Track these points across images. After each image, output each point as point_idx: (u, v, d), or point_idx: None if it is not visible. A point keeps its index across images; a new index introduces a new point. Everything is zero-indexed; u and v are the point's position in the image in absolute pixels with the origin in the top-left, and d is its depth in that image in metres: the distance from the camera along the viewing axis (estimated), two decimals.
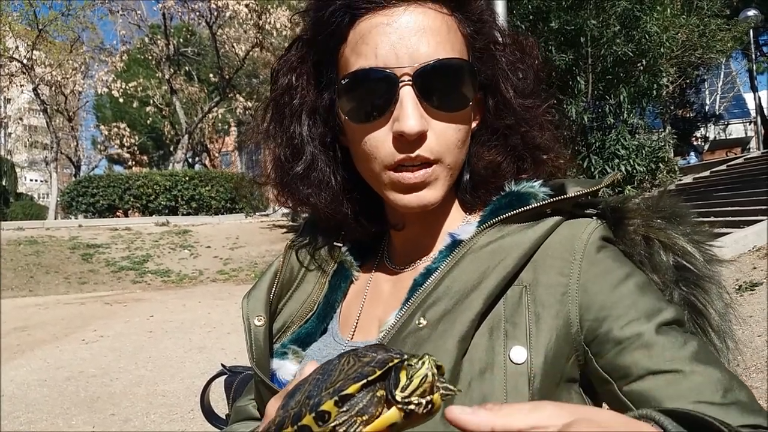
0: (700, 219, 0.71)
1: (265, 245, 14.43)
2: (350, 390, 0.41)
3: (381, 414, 0.41)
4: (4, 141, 37.65)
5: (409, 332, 0.62)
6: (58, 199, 21.02)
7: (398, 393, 0.40)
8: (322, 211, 0.75)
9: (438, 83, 0.64)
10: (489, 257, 0.64)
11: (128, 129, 27.20)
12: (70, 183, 20.66)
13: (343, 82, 0.66)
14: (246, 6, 17.97)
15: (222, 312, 8.35)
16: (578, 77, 8.31)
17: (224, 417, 1.08)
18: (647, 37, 7.98)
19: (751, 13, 16.44)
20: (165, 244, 14.69)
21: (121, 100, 23.77)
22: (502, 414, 0.34)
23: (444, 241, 0.71)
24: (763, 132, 21.81)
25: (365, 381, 0.41)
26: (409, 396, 0.40)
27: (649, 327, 0.58)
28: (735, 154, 20.86)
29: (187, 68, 26.75)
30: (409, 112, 0.63)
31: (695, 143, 25.01)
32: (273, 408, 0.54)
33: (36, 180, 50.10)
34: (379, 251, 0.81)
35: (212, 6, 19.03)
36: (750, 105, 29.24)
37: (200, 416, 1.18)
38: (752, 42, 19.62)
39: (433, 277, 0.65)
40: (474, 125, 0.73)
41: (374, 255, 0.81)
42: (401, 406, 0.40)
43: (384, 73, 0.63)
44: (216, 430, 1.10)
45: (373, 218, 0.78)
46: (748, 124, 31.42)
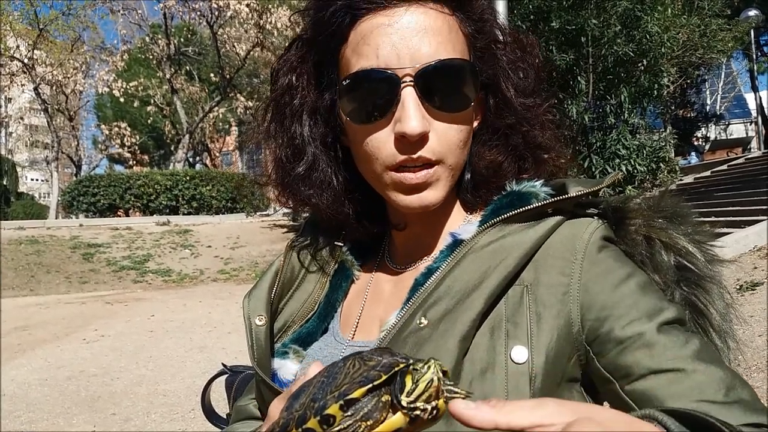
0: (701, 219, 0.71)
1: (266, 245, 14.42)
2: (356, 394, 0.41)
3: (386, 419, 0.41)
4: (5, 140, 37.67)
5: (410, 332, 0.62)
6: (59, 199, 21.02)
7: (404, 398, 0.40)
8: (324, 212, 0.75)
9: (440, 84, 0.64)
10: (490, 257, 0.64)
11: (129, 128, 27.22)
12: (71, 182, 20.65)
13: (345, 83, 0.66)
14: (247, 6, 17.96)
15: (223, 311, 8.34)
16: (579, 77, 8.30)
17: (225, 416, 1.08)
18: (648, 37, 7.97)
19: (752, 13, 16.42)
20: (166, 244, 14.69)
21: (122, 100, 23.82)
22: (505, 411, 0.34)
23: (445, 241, 0.71)
24: (764, 132, 21.80)
25: (371, 385, 0.41)
26: (415, 401, 0.40)
27: (651, 326, 0.58)
28: (736, 154, 20.84)
29: (188, 68, 26.76)
30: (411, 113, 0.62)
31: (696, 143, 25.00)
32: (276, 409, 0.54)
33: (37, 179, 50.14)
34: (380, 251, 0.81)
35: (213, 5, 19.03)
36: (751, 105, 29.22)
37: (201, 416, 1.18)
38: (753, 42, 19.61)
39: (434, 277, 0.65)
40: (475, 125, 0.72)
41: (375, 254, 0.81)
42: (406, 411, 0.40)
43: (385, 74, 0.63)
44: (217, 430, 1.10)
45: (375, 218, 0.77)
46: (749, 124, 31.40)
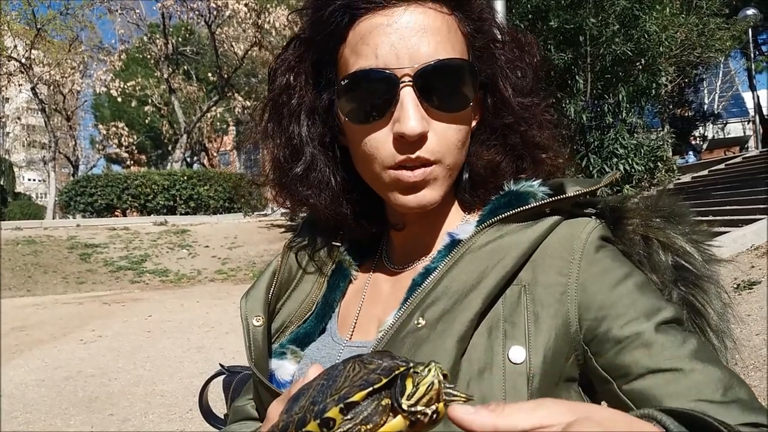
0: (699, 218, 0.71)
1: (264, 245, 14.41)
2: (356, 398, 0.41)
3: (386, 422, 0.41)
4: (2, 140, 37.57)
5: (408, 332, 0.62)
6: (57, 199, 20.97)
7: (404, 401, 0.40)
8: (322, 212, 0.75)
9: (439, 84, 0.64)
10: (488, 257, 0.63)
11: (126, 128, 27.18)
12: (69, 182, 20.64)
13: (343, 83, 0.66)
14: (245, 5, 17.94)
15: (220, 312, 8.34)
16: (577, 76, 8.30)
17: (222, 417, 1.08)
18: (646, 36, 7.98)
19: (750, 12, 16.45)
20: (163, 244, 14.66)
21: (120, 100, 23.73)
22: (505, 414, 0.34)
23: (443, 241, 0.71)
24: (762, 131, 21.84)
25: (371, 389, 0.41)
26: (415, 404, 0.40)
27: (649, 326, 0.58)
28: (733, 153, 20.91)
29: (186, 67, 26.72)
30: (410, 114, 0.62)
31: (694, 142, 25.06)
32: (275, 411, 0.53)
33: (34, 179, 50.04)
34: (378, 251, 0.81)
35: (211, 5, 19.00)
36: (748, 104, 29.28)
37: (198, 416, 1.18)
38: (751, 41, 19.64)
39: (432, 277, 0.65)
40: (473, 124, 0.72)
41: (373, 255, 0.81)
42: (407, 415, 0.40)
43: (384, 74, 0.63)
44: (214, 430, 1.10)
45: (373, 218, 0.77)
46: (747, 123, 31.47)
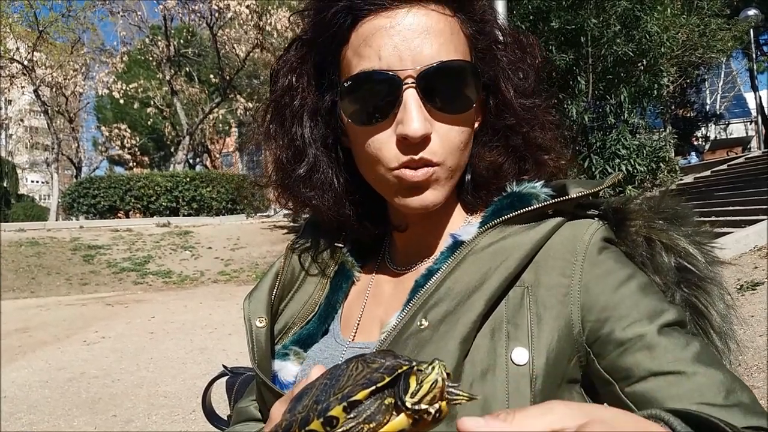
0: (702, 219, 0.71)
1: (266, 246, 14.42)
2: (359, 396, 0.41)
3: (389, 421, 0.41)
4: (5, 142, 37.67)
5: (411, 334, 0.61)
6: (60, 201, 21.02)
7: (408, 399, 0.40)
8: (325, 213, 0.75)
9: (442, 85, 0.64)
10: (490, 258, 0.63)
11: (129, 130, 27.21)
12: (71, 184, 20.65)
13: (346, 85, 0.66)
14: (247, 7, 17.95)
15: (223, 313, 8.34)
16: (579, 77, 8.29)
17: (226, 418, 1.08)
18: (648, 37, 7.97)
19: (752, 13, 16.43)
20: (166, 245, 14.68)
21: (122, 102, 23.77)
22: (516, 421, 0.34)
23: (445, 242, 0.71)
24: (764, 131, 21.79)
25: (374, 387, 0.41)
26: (419, 402, 0.40)
27: (652, 328, 0.58)
28: (736, 154, 20.85)
29: (188, 69, 26.73)
30: (413, 115, 0.62)
31: (696, 143, 24.99)
32: (278, 411, 0.54)
33: (37, 181, 50.16)
34: (381, 252, 0.81)
35: (213, 7, 19.02)
36: (751, 104, 29.23)
37: (202, 417, 1.18)
38: (753, 41, 19.61)
39: (435, 279, 0.65)
40: (476, 126, 0.72)
41: (375, 256, 0.81)
42: (410, 413, 0.40)
43: (387, 76, 0.63)
44: None
45: (376, 220, 0.77)
46: (749, 124, 31.40)
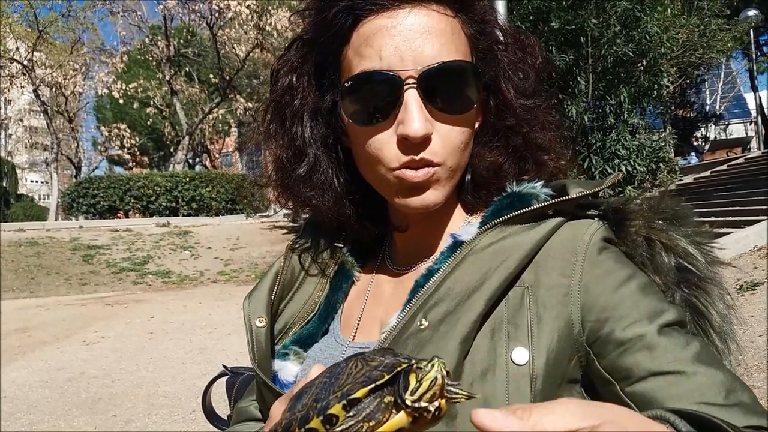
0: (701, 219, 0.71)
1: (266, 246, 14.42)
2: (358, 394, 0.41)
3: (388, 420, 0.41)
4: (5, 142, 37.68)
5: (411, 333, 0.61)
6: (59, 201, 21.02)
7: (408, 396, 0.40)
8: (325, 213, 0.75)
9: (442, 85, 0.64)
10: (490, 258, 0.63)
11: (129, 130, 27.22)
12: (71, 184, 20.66)
13: (347, 85, 0.66)
14: (247, 7, 17.95)
15: (223, 313, 8.34)
16: (579, 77, 8.29)
17: (225, 418, 1.08)
18: (648, 38, 7.97)
19: (752, 13, 16.44)
20: (166, 245, 14.68)
21: (122, 101, 23.79)
22: (533, 420, 0.33)
23: (445, 242, 0.71)
24: (764, 132, 21.80)
25: (373, 385, 0.41)
26: (419, 399, 0.40)
27: (652, 328, 0.58)
28: (735, 154, 20.86)
29: (188, 69, 26.72)
30: (414, 116, 0.62)
31: (696, 143, 24.99)
32: (278, 410, 0.54)
33: (37, 181, 50.16)
34: (381, 252, 0.81)
35: (213, 7, 19.02)
36: (750, 105, 29.25)
37: (202, 417, 1.18)
38: (752, 42, 19.62)
39: (435, 279, 0.65)
40: (476, 126, 0.72)
41: (375, 256, 0.81)
42: (410, 410, 0.40)
43: (388, 76, 0.63)
44: (217, 431, 1.10)
45: (376, 220, 0.77)
46: (749, 124, 31.41)
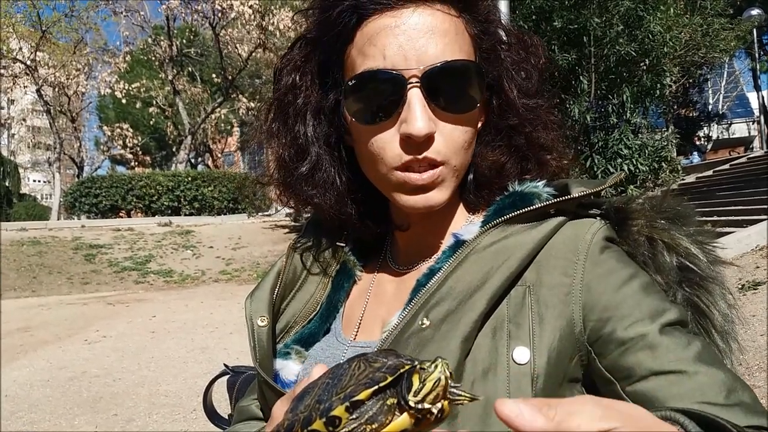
0: (703, 219, 0.71)
1: (268, 245, 14.43)
2: (361, 396, 0.41)
3: (391, 422, 0.41)
4: (8, 142, 37.76)
5: (412, 333, 0.62)
6: (61, 200, 21.05)
7: (411, 397, 0.40)
8: (327, 212, 0.75)
9: (446, 85, 0.64)
10: (492, 257, 0.63)
11: (131, 130, 27.26)
12: (73, 184, 20.71)
13: (350, 83, 0.66)
14: (250, 7, 17.96)
15: (224, 312, 8.35)
16: (581, 77, 8.28)
17: (227, 417, 1.08)
18: (650, 37, 7.96)
19: (755, 12, 16.39)
20: (167, 245, 14.70)
21: (124, 101, 23.79)
22: (557, 421, 0.32)
23: (447, 242, 0.71)
24: (767, 131, 21.75)
25: (376, 387, 0.41)
26: (422, 400, 0.39)
27: (653, 328, 0.58)
28: (738, 154, 20.83)
29: (190, 69, 26.73)
30: (417, 114, 0.62)
31: (698, 143, 24.96)
32: (280, 411, 0.54)
33: (39, 181, 50.22)
34: (382, 251, 0.81)
35: (216, 7, 19.03)
36: (753, 104, 29.20)
37: (203, 416, 1.18)
38: (756, 41, 19.58)
39: (436, 278, 0.65)
40: (479, 126, 0.72)
41: (377, 255, 0.81)
42: (413, 412, 0.40)
43: (392, 75, 0.63)
44: (219, 431, 1.10)
45: (378, 219, 0.77)
46: (752, 124, 31.35)
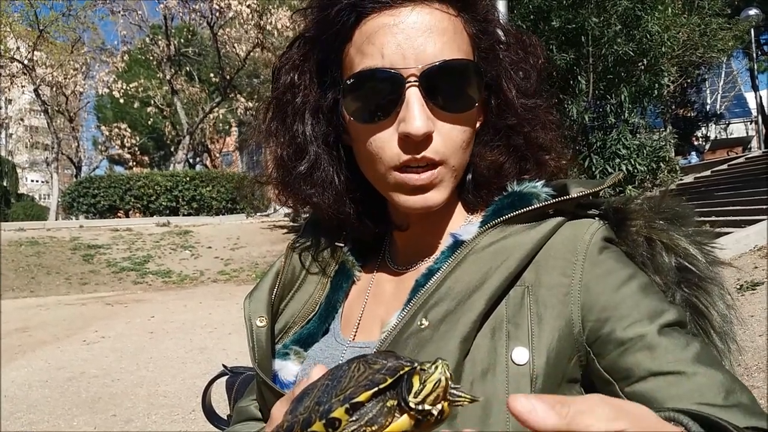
0: (702, 219, 0.71)
1: (266, 246, 14.42)
2: (361, 398, 0.41)
3: (390, 424, 0.40)
4: (6, 142, 37.69)
5: (411, 333, 0.61)
6: (59, 200, 21.02)
7: (411, 399, 0.39)
8: (325, 211, 0.75)
9: (444, 84, 0.64)
10: (491, 258, 0.63)
11: (129, 129, 27.24)
12: (71, 184, 20.68)
13: (349, 82, 0.66)
14: (248, 6, 17.95)
15: (223, 312, 8.34)
16: (579, 77, 8.28)
17: (226, 417, 1.08)
18: (648, 37, 7.96)
19: (752, 12, 16.43)
20: (166, 245, 14.68)
21: (122, 101, 23.77)
22: (569, 419, 0.32)
23: (446, 242, 0.71)
24: (764, 131, 21.79)
25: (376, 389, 0.41)
26: (422, 402, 0.39)
27: (652, 328, 0.58)
28: (736, 154, 20.86)
29: (188, 68, 26.72)
30: (416, 113, 0.62)
31: (696, 143, 25.00)
32: (279, 412, 0.54)
33: (37, 181, 50.15)
34: (381, 251, 0.81)
35: (213, 6, 19.01)
36: (751, 104, 29.25)
37: (201, 417, 1.18)
38: (753, 41, 19.62)
39: (435, 278, 0.65)
40: (477, 125, 0.72)
41: (376, 255, 0.81)
42: (414, 413, 0.40)
43: (390, 74, 0.63)
44: (217, 431, 1.10)
45: (376, 218, 0.77)
46: (749, 124, 31.41)
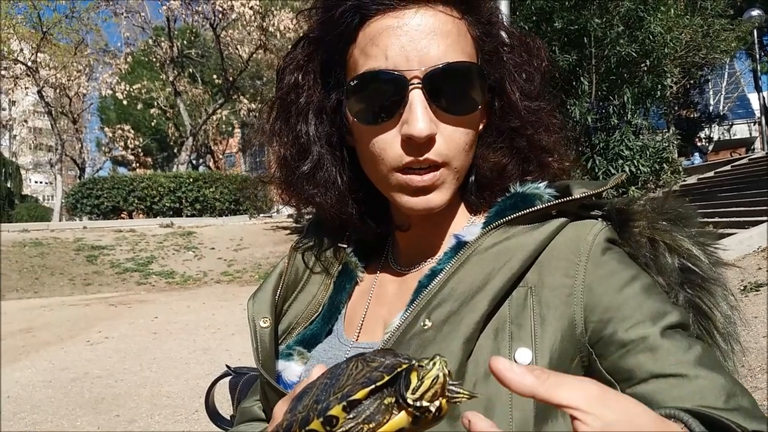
0: (705, 220, 0.71)
1: (269, 246, 14.44)
2: (358, 395, 0.41)
3: (388, 421, 0.41)
4: (10, 143, 37.81)
5: (414, 334, 0.62)
6: (63, 201, 21.08)
7: (409, 395, 0.40)
8: (328, 211, 0.75)
9: (447, 86, 0.64)
10: (494, 258, 0.64)
11: (132, 131, 27.26)
12: (75, 185, 20.74)
13: (352, 84, 0.66)
14: (251, 8, 17.98)
15: (226, 313, 8.36)
16: (582, 78, 8.27)
17: (229, 418, 1.09)
18: (651, 38, 7.95)
19: (755, 13, 16.37)
20: (169, 246, 14.71)
21: (125, 102, 23.80)
22: (547, 384, 0.34)
23: (449, 243, 0.71)
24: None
25: (373, 386, 0.41)
26: (420, 398, 0.39)
27: (654, 330, 0.58)
28: (739, 155, 20.80)
29: (191, 70, 26.77)
30: (419, 115, 0.62)
31: (699, 144, 24.93)
32: (280, 411, 0.54)
33: (41, 182, 50.26)
34: (384, 252, 0.81)
35: (216, 8, 19.05)
36: (754, 105, 29.16)
37: (205, 417, 1.18)
38: (756, 42, 19.56)
39: (438, 279, 0.65)
40: (480, 127, 0.72)
41: (379, 256, 0.81)
42: (411, 410, 0.40)
43: (393, 75, 0.63)
44: None
45: (379, 219, 0.77)
46: (753, 125, 31.30)
